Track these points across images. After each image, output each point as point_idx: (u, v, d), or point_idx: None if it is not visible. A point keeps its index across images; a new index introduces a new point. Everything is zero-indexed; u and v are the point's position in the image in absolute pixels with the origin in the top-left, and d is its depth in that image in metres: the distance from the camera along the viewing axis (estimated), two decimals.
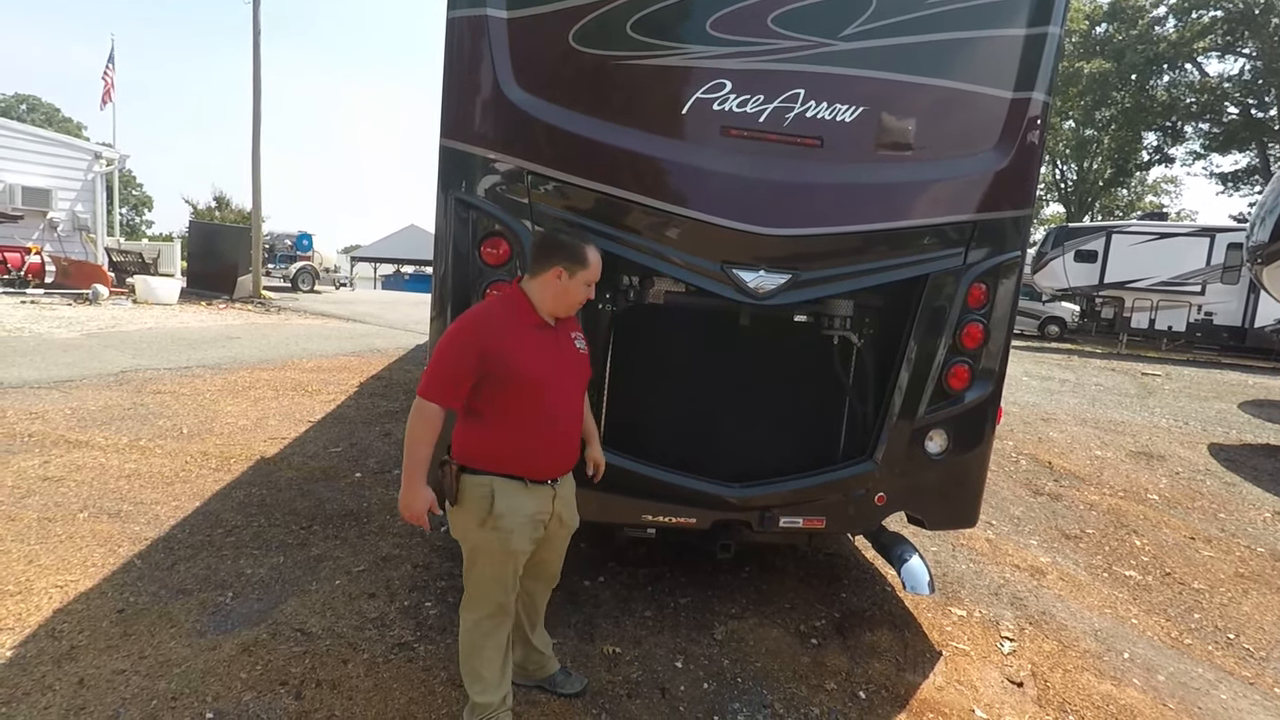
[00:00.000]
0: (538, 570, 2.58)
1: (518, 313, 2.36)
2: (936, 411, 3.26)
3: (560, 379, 2.38)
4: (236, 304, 17.70)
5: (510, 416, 2.31)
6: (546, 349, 2.36)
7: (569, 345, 2.45)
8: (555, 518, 2.46)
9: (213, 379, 8.15)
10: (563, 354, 2.41)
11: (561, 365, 2.40)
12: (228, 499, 4.55)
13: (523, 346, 2.30)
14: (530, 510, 2.35)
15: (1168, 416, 10.08)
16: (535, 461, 2.36)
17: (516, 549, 2.34)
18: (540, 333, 2.37)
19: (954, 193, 3.20)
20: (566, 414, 2.42)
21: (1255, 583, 4.67)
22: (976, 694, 3.06)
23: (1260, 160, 31.89)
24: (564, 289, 2.36)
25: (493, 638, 2.43)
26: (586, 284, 2.38)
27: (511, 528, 2.31)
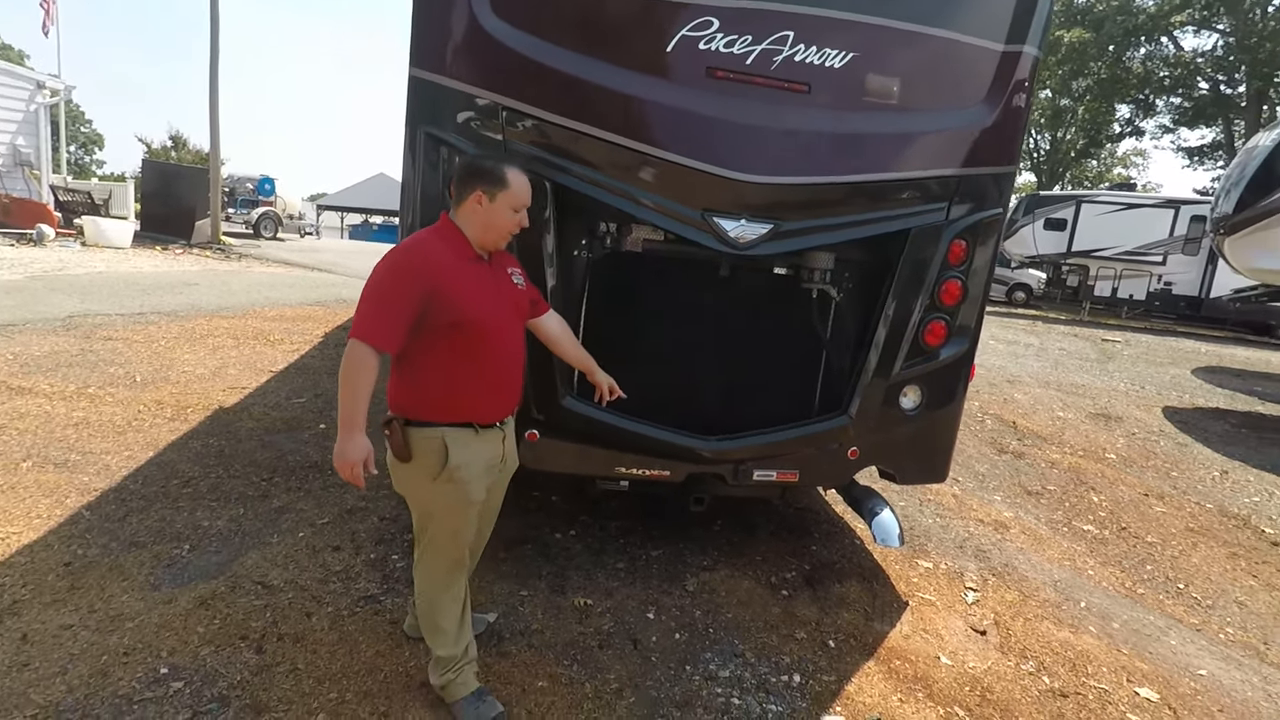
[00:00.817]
0: (485, 517, 2.51)
1: (454, 246, 2.18)
2: (912, 367, 3.24)
3: (501, 318, 2.24)
4: (194, 249, 17.06)
5: (454, 360, 2.15)
6: (486, 285, 2.22)
7: (506, 281, 2.33)
8: (506, 458, 2.39)
9: (168, 326, 7.86)
10: (501, 291, 2.28)
11: (501, 303, 2.26)
12: (184, 449, 4.40)
13: (464, 284, 2.14)
14: (486, 457, 2.27)
15: (1126, 381, 10.32)
16: (483, 406, 2.24)
17: (476, 499, 2.26)
18: (477, 267, 2.22)
19: (940, 146, 3.13)
20: (510, 355, 2.30)
21: (1204, 537, 4.82)
22: (942, 642, 3.11)
23: (1225, 136, 32.37)
24: (488, 216, 2.19)
25: (450, 590, 2.35)
26: (512, 209, 2.20)
27: (469, 478, 2.21)
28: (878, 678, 2.79)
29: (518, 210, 2.23)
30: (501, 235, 2.25)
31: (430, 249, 2.15)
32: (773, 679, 2.72)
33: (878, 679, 2.78)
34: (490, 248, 2.27)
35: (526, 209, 2.27)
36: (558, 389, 2.95)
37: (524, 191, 2.24)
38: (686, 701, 2.56)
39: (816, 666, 2.81)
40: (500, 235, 2.24)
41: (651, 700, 2.55)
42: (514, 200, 2.21)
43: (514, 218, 2.23)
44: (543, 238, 2.87)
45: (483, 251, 2.26)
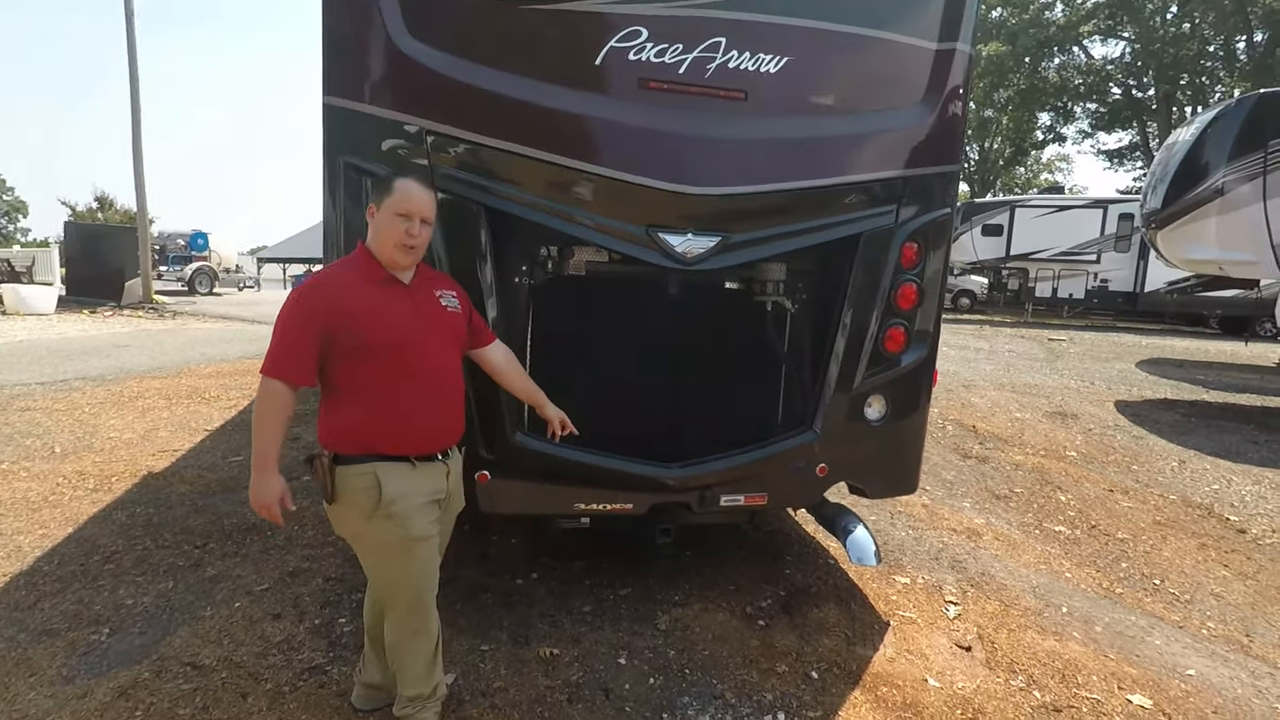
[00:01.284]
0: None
1: (362, 270, 2.12)
2: (874, 376, 3.14)
3: (424, 340, 2.13)
4: (125, 310, 16.39)
5: (377, 389, 2.06)
6: (400, 307, 2.11)
7: (430, 303, 2.19)
8: (451, 494, 2.25)
9: (94, 391, 7.41)
10: (423, 312, 2.15)
11: (423, 325, 2.14)
12: (107, 522, 4.06)
13: (370, 307, 2.05)
14: (426, 491, 2.13)
15: (1076, 378, 10.52)
16: (416, 436, 2.11)
17: (417, 535, 2.10)
18: (388, 288, 2.11)
19: (883, 148, 3.08)
20: (441, 380, 2.17)
21: (1172, 529, 4.81)
22: (927, 662, 2.97)
23: (1140, 137, 33.99)
24: (376, 226, 2.10)
25: (412, 632, 2.21)
26: (396, 214, 2.06)
27: (408, 512, 2.07)
28: (865, 709, 2.62)
29: (403, 215, 2.07)
30: (395, 247, 2.09)
31: (330, 276, 2.13)
32: None
33: (866, 710, 2.61)
34: (398, 265, 2.13)
35: (422, 220, 2.11)
36: (507, 425, 2.76)
37: (409, 197, 2.09)
38: None
39: (800, 702, 2.64)
40: (394, 247, 2.09)
41: None
42: (397, 205, 2.07)
43: (400, 225, 2.07)
44: (479, 266, 2.71)
45: (396, 272, 2.14)
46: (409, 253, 2.11)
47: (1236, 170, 8.57)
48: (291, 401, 2.01)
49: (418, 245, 2.11)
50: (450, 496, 2.25)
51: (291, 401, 2.01)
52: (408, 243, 2.08)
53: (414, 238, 2.09)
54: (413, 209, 2.08)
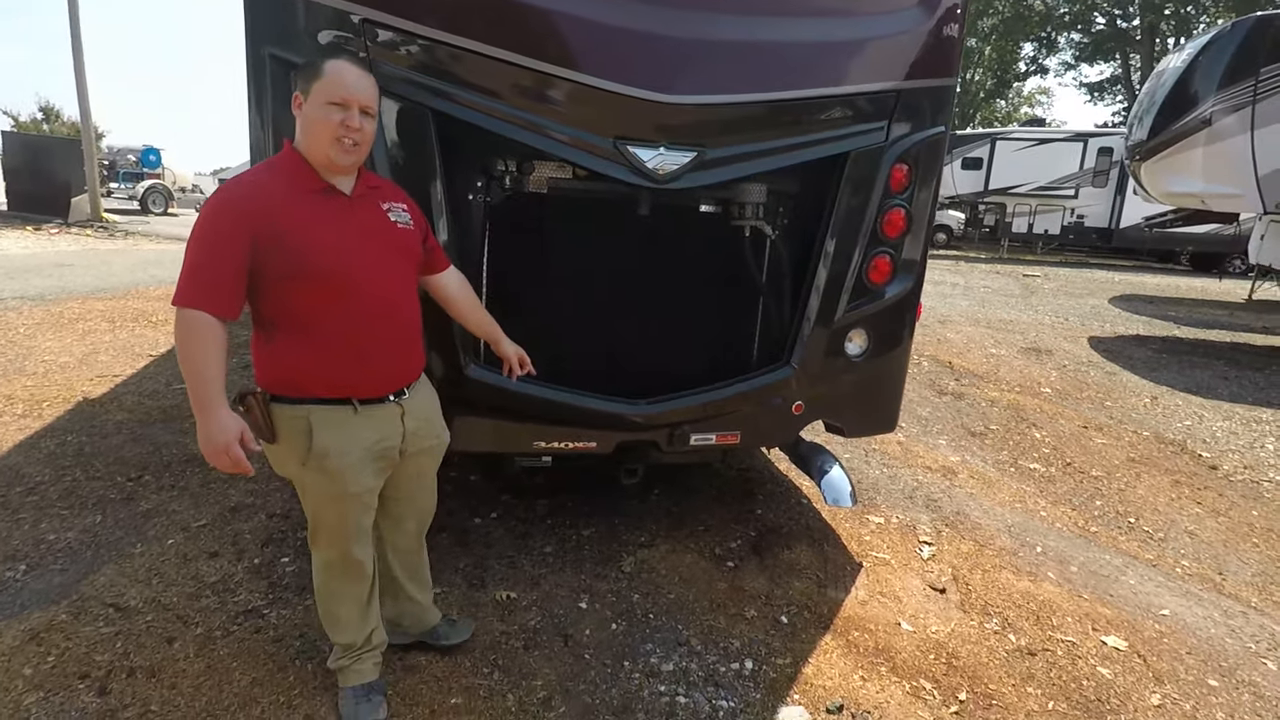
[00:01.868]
0: (405, 509, 2.15)
1: (292, 177, 1.78)
2: (856, 309, 2.93)
3: (370, 261, 1.82)
4: (73, 228, 15.54)
5: (313, 321, 1.77)
6: (337, 222, 1.79)
7: (377, 217, 1.88)
8: (410, 439, 1.97)
9: (30, 312, 6.97)
10: (367, 228, 1.84)
11: (368, 244, 1.83)
12: (33, 450, 3.78)
13: (302, 222, 1.73)
14: (367, 441, 1.86)
15: (1050, 314, 10.47)
16: (358, 375, 1.83)
17: (353, 491, 1.87)
18: (325, 199, 1.79)
19: (876, 57, 2.77)
20: (391, 309, 1.87)
21: (1145, 466, 4.78)
22: (900, 605, 2.87)
23: (1123, 70, 33.44)
24: (308, 121, 1.75)
25: (346, 579, 2.03)
26: (330, 103, 1.72)
27: (342, 467, 1.83)
28: (836, 655, 2.51)
29: (337, 104, 1.73)
30: (327, 143, 1.74)
31: (253, 184, 1.76)
32: (722, 668, 2.41)
33: (837, 656, 2.51)
34: (335, 169, 1.79)
35: (362, 109, 1.77)
36: (460, 357, 2.51)
37: (343, 81, 1.74)
38: (625, 706, 2.22)
39: (770, 649, 2.52)
40: (326, 143, 1.74)
41: (585, 708, 2.21)
42: (329, 91, 1.72)
43: (335, 116, 1.72)
44: (428, 181, 2.40)
45: (333, 178, 1.81)
46: (348, 151, 1.76)
47: (1225, 99, 8.31)
48: (221, 332, 1.67)
49: (360, 141, 1.77)
50: (411, 437, 1.98)
51: (221, 332, 1.67)
52: (345, 137, 1.74)
53: (353, 131, 1.74)
54: (349, 95, 1.74)
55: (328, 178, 1.81)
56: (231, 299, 1.68)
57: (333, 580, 2.03)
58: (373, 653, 2.11)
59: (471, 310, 2.27)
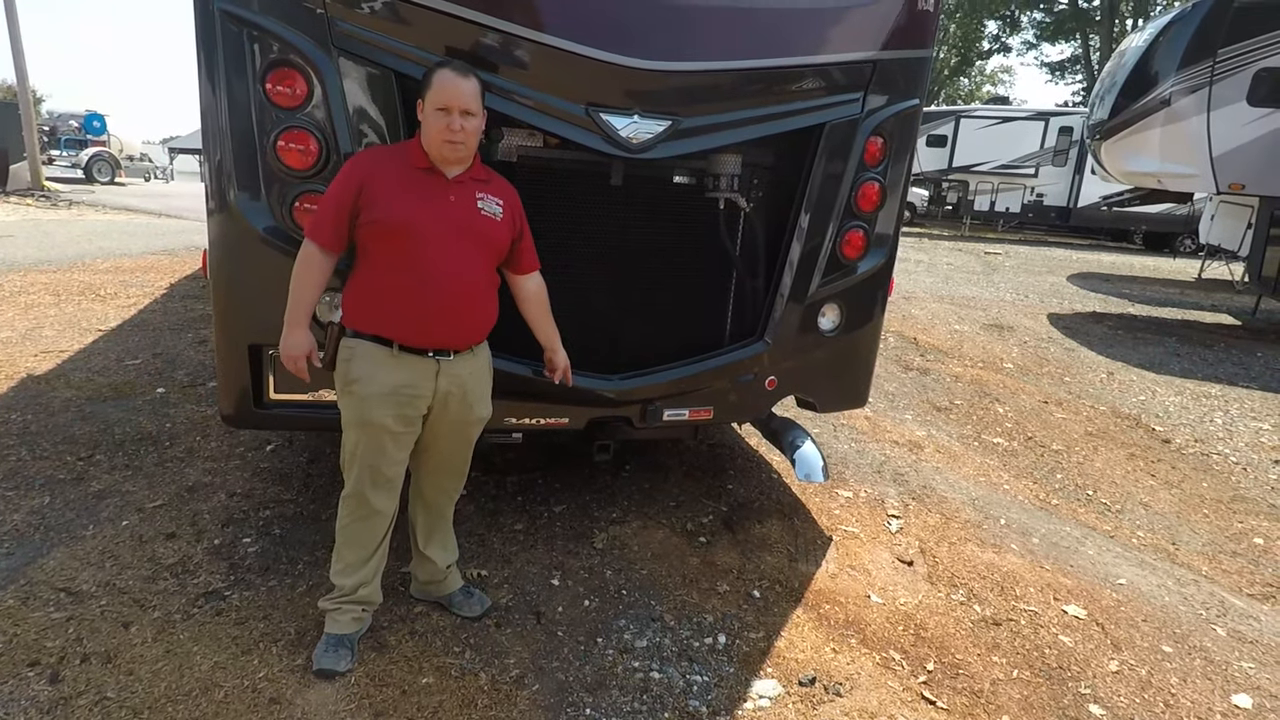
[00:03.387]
0: (435, 464, 2.31)
1: (406, 154, 2.09)
2: (830, 284, 2.92)
3: (443, 234, 2.03)
4: (11, 197, 14.86)
5: (381, 268, 2.04)
6: (426, 196, 2.03)
7: (465, 202, 2.07)
8: (441, 399, 2.13)
9: None
10: (450, 208, 2.05)
11: (446, 218, 2.04)
12: None
13: (397, 186, 2.01)
14: (394, 381, 2.05)
15: (1011, 291, 10.67)
16: (406, 324, 2.04)
17: (373, 420, 2.06)
18: (425, 176, 2.05)
19: (852, 25, 2.74)
20: (452, 276, 2.05)
21: (1102, 440, 4.90)
22: (870, 578, 2.91)
23: (1083, 50, 33.93)
24: (425, 124, 2.02)
25: (358, 519, 2.18)
26: (437, 109, 1.97)
27: (365, 395, 2.05)
28: (808, 628, 2.53)
29: (442, 110, 1.97)
30: (438, 144, 2.01)
31: (377, 151, 2.18)
32: (695, 643, 2.41)
33: (808, 629, 2.52)
34: (446, 162, 2.05)
35: (463, 111, 1.98)
36: None
37: (445, 89, 1.98)
38: (599, 682, 2.21)
39: (742, 623, 2.53)
40: (437, 144, 2.01)
41: (558, 685, 2.19)
42: (435, 99, 1.98)
43: (441, 121, 1.98)
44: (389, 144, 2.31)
45: (442, 166, 2.06)
46: (455, 149, 2.02)
47: (1184, 80, 8.46)
48: (326, 266, 2.04)
49: (464, 141, 2.02)
50: (443, 398, 2.13)
51: (326, 266, 2.04)
52: (451, 139, 1.99)
53: (455, 133, 1.98)
54: (451, 102, 1.97)
55: (437, 164, 2.05)
56: (331, 232, 2.02)
57: (348, 517, 2.18)
58: (354, 606, 2.22)
59: (539, 317, 2.39)
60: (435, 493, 2.37)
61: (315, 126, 2.29)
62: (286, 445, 3.61)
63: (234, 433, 3.67)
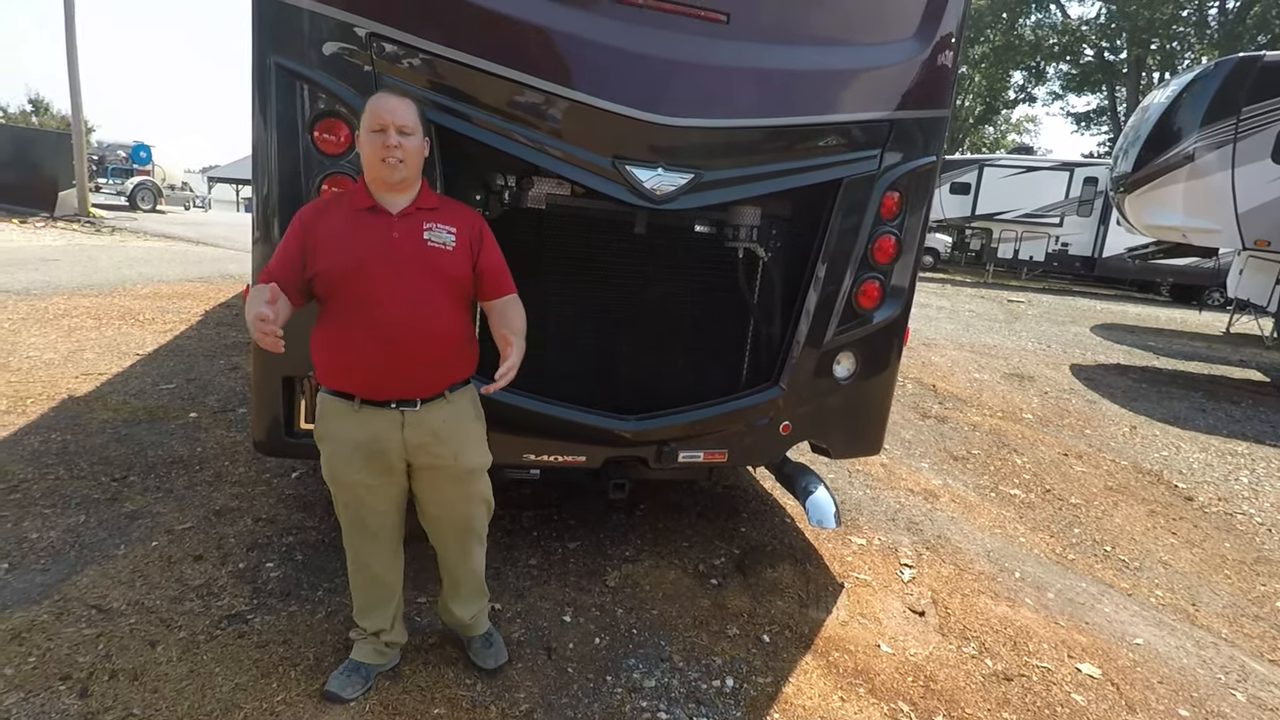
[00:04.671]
0: (431, 518, 2.23)
1: (349, 198, 2.03)
2: (845, 332, 2.99)
3: (389, 273, 1.92)
4: (59, 222, 15.41)
5: (335, 320, 1.98)
6: (369, 236, 1.94)
7: (410, 235, 1.97)
8: (414, 452, 2.04)
9: (16, 306, 6.91)
10: (394, 245, 1.95)
11: (390, 257, 1.93)
12: (16, 447, 3.75)
13: (340, 231, 1.94)
14: (360, 438, 2.00)
15: (1033, 340, 10.62)
16: (360, 375, 1.97)
17: (345, 477, 2.05)
18: (367, 216, 1.97)
19: (871, 86, 2.85)
20: (402, 319, 1.94)
21: (1123, 495, 4.85)
22: (880, 627, 2.91)
23: (1109, 102, 34.06)
24: (362, 153, 1.97)
25: (354, 564, 2.22)
26: (372, 131, 1.92)
27: (332, 452, 2.04)
28: (816, 675, 2.54)
29: (377, 130, 1.91)
30: (375, 166, 1.94)
31: (319, 201, 2.12)
32: (703, 685, 2.43)
33: (817, 676, 2.54)
34: (387, 185, 1.97)
35: (399, 129, 1.92)
36: None
37: (379, 108, 1.93)
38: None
39: (751, 667, 2.55)
40: (374, 167, 1.94)
41: None
42: (369, 122, 1.93)
43: (378, 140, 1.91)
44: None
45: (386, 196, 1.99)
46: (393, 168, 1.92)
47: (1208, 136, 8.51)
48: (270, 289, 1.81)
49: (402, 158, 1.92)
50: (415, 450, 2.03)
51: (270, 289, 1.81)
52: (387, 156, 1.90)
53: (392, 149, 1.90)
54: (384, 119, 1.91)
55: (378, 197, 1.98)
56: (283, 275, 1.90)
57: (348, 566, 2.23)
58: (369, 639, 2.27)
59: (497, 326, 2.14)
60: (443, 549, 2.29)
61: (356, 172, 2.42)
62: (310, 473, 3.71)
63: (261, 459, 3.78)
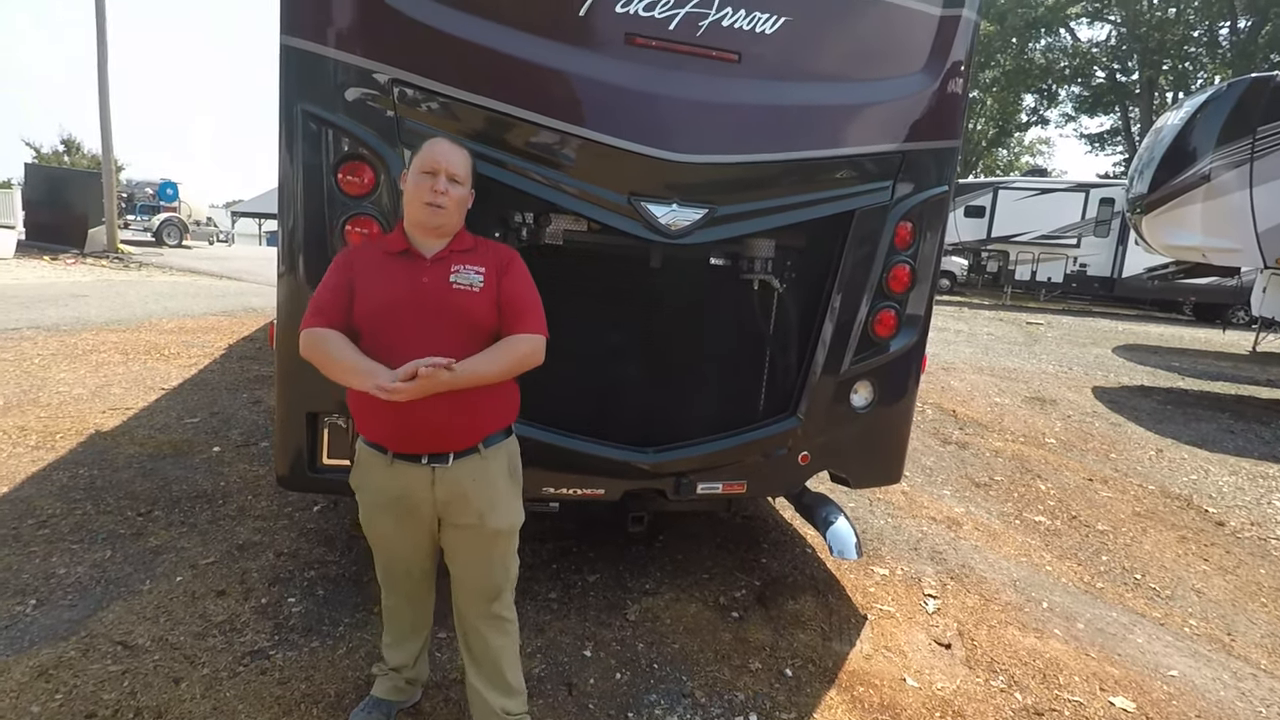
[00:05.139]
0: (457, 574, 2.05)
1: (384, 242, 2.00)
2: (862, 361, 3.00)
3: (414, 320, 1.83)
4: (89, 259, 15.80)
5: None
6: (398, 280, 1.88)
7: (438, 280, 1.87)
8: (443, 508, 1.91)
9: (45, 342, 7.07)
10: (423, 289, 1.86)
11: (417, 302, 1.85)
12: (46, 482, 3.82)
13: (367, 276, 1.90)
14: (391, 491, 1.94)
15: (1053, 362, 10.51)
16: (391, 428, 1.87)
17: (375, 529, 2.04)
18: (398, 260, 1.92)
19: (882, 119, 2.89)
20: None
21: (1151, 521, 4.76)
22: (906, 660, 2.87)
23: (1123, 122, 33.98)
24: (407, 192, 1.94)
25: (386, 603, 2.22)
26: (422, 171, 1.89)
27: (365, 503, 2.02)
28: (841, 710, 2.51)
29: (428, 172, 1.89)
30: (418, 208, 1.89)
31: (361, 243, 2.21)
32: None
33: (842, 712, 2.50)
34: (425, 229, 1.92)
35: (449, 176, 1.90)
36: None
37: (434, 152, 1.92)
38: None
39: (774, 702, 2.51)
40: (417, 206, 1.89)
41: None
42: (422, 162, 1.91)
43: (425, 182, 1.88)
44: None
45: (422, 239, 1.94)
46: (435, 213, 1.88)
47: (1224, 156, 8.47)
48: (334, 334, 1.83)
49: (445, 206, 1.88)
50: (444, 507, 1.91)
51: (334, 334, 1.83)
52: (433, 200, 1.87)
53: (438, 195, 1.87)
54: (438, 164, 1.89)
55: (414, 240, 1.93)
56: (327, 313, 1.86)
57: (381, 593, 2.21)
58: (390, 675, 2.27)
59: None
60: (466, 606, 2.09)
61: (380, 213, 2.48)
62: (332, 507, 3.74)
63: (283, 493, 3.82)
